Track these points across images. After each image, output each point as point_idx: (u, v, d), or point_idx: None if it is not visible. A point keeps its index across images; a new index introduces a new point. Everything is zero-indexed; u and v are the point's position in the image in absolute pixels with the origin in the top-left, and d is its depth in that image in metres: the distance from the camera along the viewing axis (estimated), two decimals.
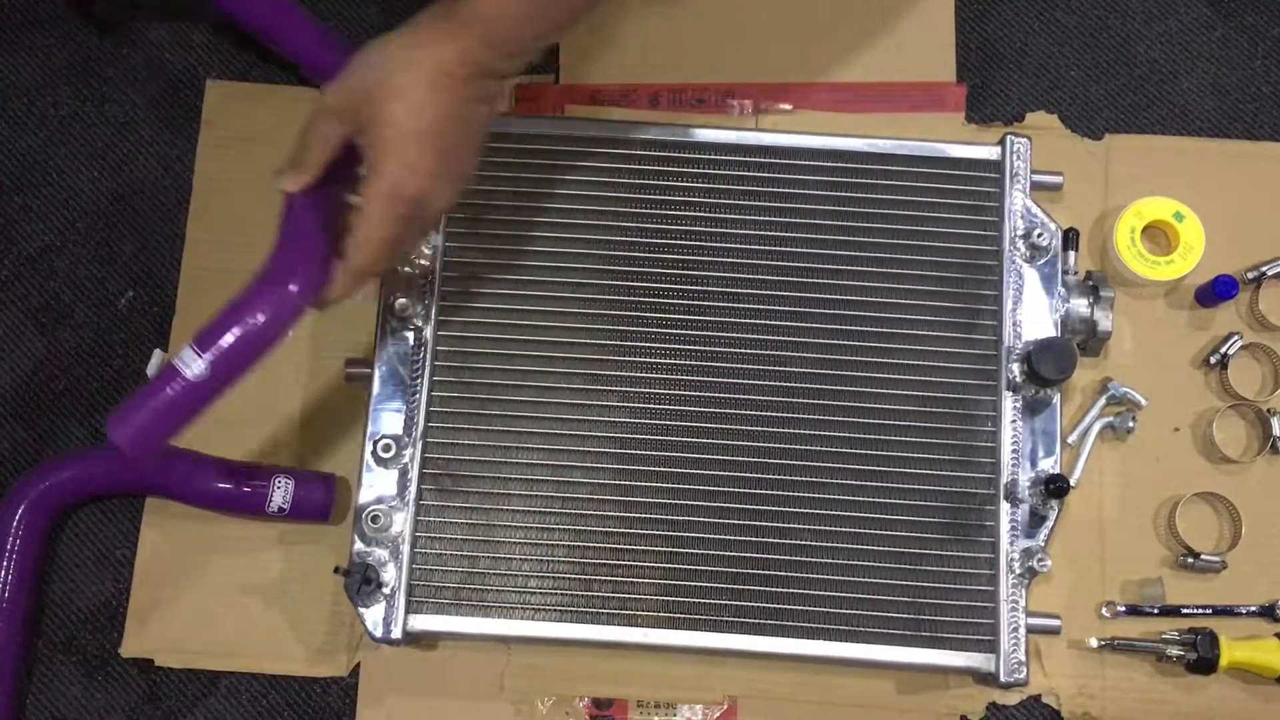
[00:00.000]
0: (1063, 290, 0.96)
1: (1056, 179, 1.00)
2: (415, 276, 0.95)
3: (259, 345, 0.79)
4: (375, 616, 0.90)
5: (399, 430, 0.93)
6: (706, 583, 0.92)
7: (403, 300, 0.94)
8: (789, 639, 0.91)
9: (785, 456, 0.93)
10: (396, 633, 0.90)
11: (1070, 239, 0.98)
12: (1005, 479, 0.93)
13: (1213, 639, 0.94)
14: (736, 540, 0.92)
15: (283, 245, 0.80)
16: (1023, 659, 0.90)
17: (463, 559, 0.92)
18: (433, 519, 0.92)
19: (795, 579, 0.92)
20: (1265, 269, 1.03)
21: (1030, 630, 0.91)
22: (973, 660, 0.91)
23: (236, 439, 1.01)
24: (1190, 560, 0.98)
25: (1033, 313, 0.95)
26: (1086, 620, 0.98)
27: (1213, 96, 1.09)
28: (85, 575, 1.00)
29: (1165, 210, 1.02)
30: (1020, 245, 0.96)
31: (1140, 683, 0.97)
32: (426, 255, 0.95)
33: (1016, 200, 0.97)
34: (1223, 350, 1.01)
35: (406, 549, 0.91)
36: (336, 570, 0.90)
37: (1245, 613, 0.98)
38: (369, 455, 0.92)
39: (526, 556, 0.92)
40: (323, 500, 0.96)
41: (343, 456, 1.00)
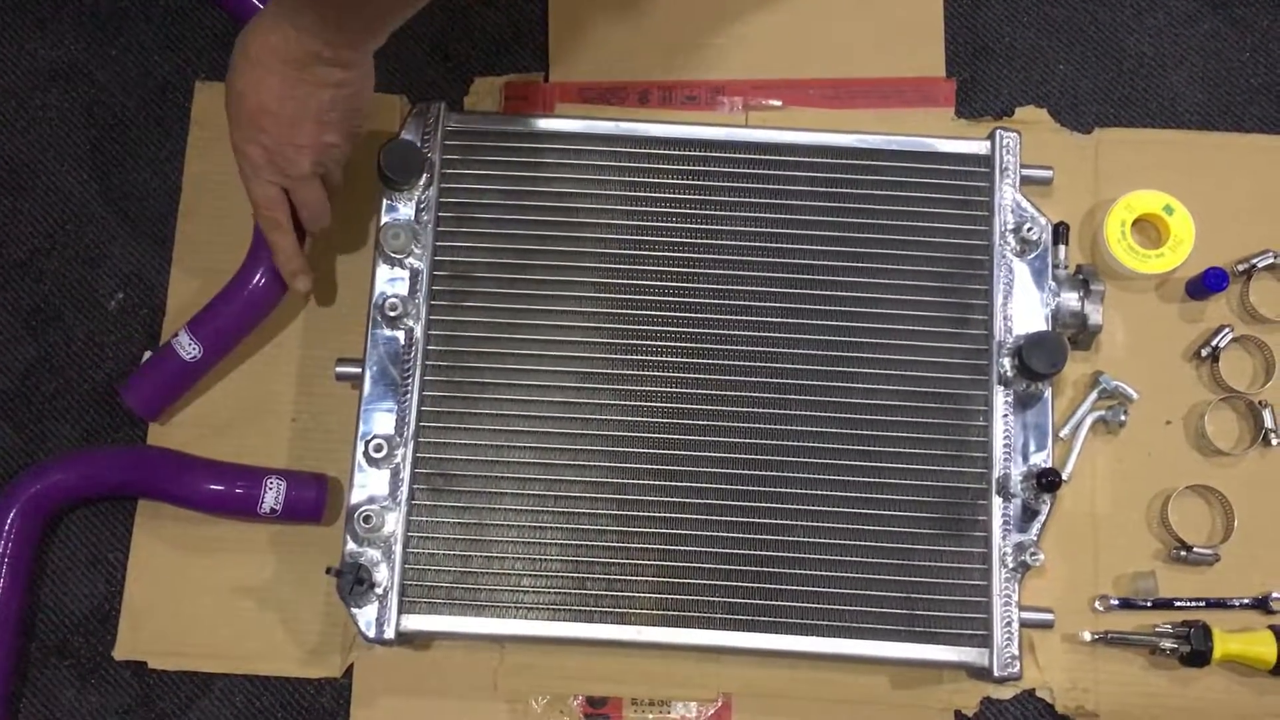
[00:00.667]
0: (1053, 284, 0.96)
1: (1046, 173, 1.00)
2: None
3: (243, 327, 0.98)
4: (368, 617, 0.90)
5: (391, 430, 0.93)
6: (699, 580, 0.92)
7: (393, 299, 0.93)
8: (782, 635, 0.91)
9: (777, 453, 0.93)
10: (389, 633, 0.90)
11: (1060, 233, 0.98)
12: (997, 474, 0.93)
13: (1206, 631, 0.95)
14: (729, 537, 0.92)
15: (257, 241, 0.95)
16: (1016, 653, 0.90)
17: (455, 558, 0.92)
18: (425, 518, 0.92)
19: (788, 575, 0.92)
20: (1255, 261, 1.03)
21: (1023, 624, 0.91)
22: (966, 655, 0.91)
23: (229, 441, 1.01)
24: (1183, 553, 0.98)
25: (1024, 307, 0.96)
26: (1080, 614, 0.98)
27: (1202, 89, 1.09)
28: (78, 578, 1.00)
29: (1155, 204, 1.02)
30: (1010, 240, 0.96)
31: (1134, 676, 0.97)
32: (416, 254, 0.95)
33: (1006, 195, 0.97)
34: (1214, 343, 1.01)
35: (399, 549, 0.91)
36: (329, 571, 0.90)
37: (1238, 605, 0.98)
38: (360, 455, 0.92)
39: (519, 555, 0.92)
40: (315, 501, 0.96)
41: (336, 457, 1.00)
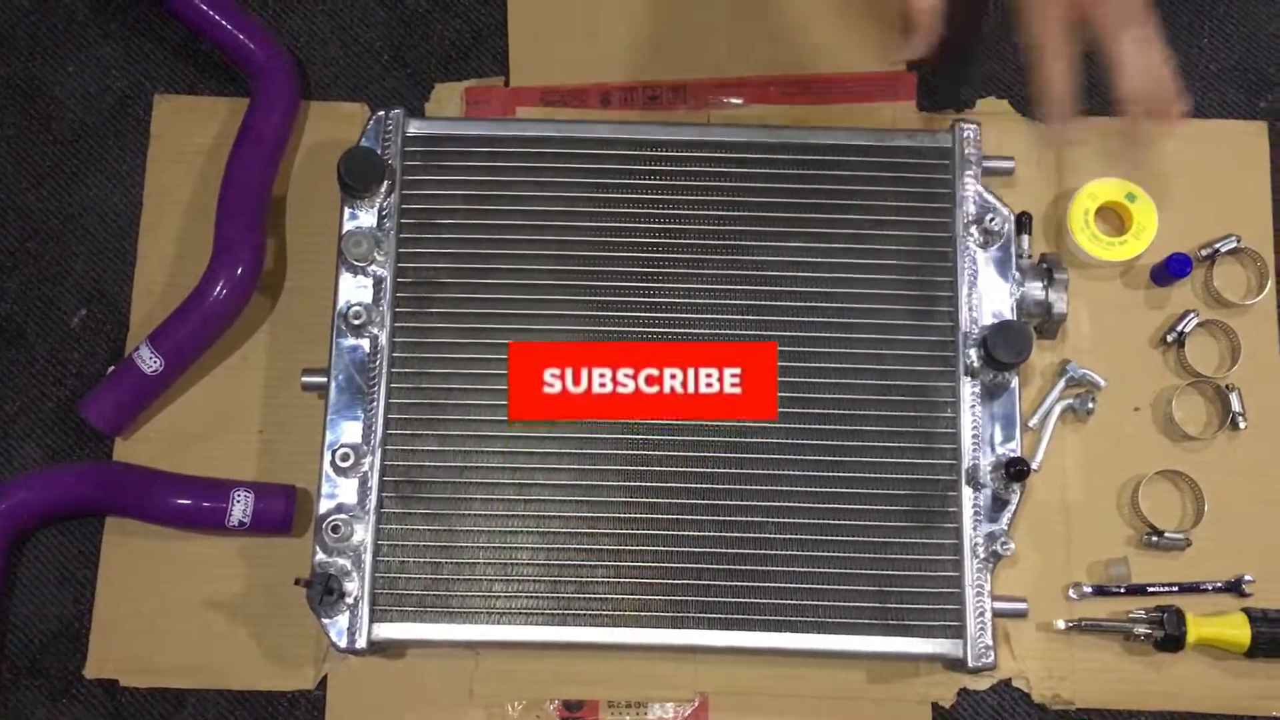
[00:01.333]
0: (1017, 274, 0.96)
1: (1008, 164, 1.00)
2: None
3: (204, 340, 0.97)
4: (339, 627, 0.90)
5: (358, 439, 0.93)
6: (672, 579, 0.92)
7: (357, 307, 0.93)
8: (756, 633, 0.91)
9: (747, 450, 0.93)
10: (361, 642, 0.89)
11: (1023, 223, 0.98)
12: (966, 464, 0.93)
13: (1179, 616, 0.95)
14: (700, 535, 0.92)
15: (218, 252, 0.96)
16: (990, 643, 0.90)
17: (426, 565, 0.91)
18: (394, 526, 0.92)
19: (760, 572, 0.92)
20: (1218, 246, 1.03)
21: (997, 614, 0.91)
22: (940, 646, 0.91)
23: (196, 453, 1.00)
24: (1155, 539, 0.98)
25: (988, 298, 0.96)
26: (1054, 602, 0.98)
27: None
28: (47, 597, 0.99)
29: (1118, 191, 1.03)
30: (973, 231, 0.96)
31: (1109, 663, 0.97)
32: (379, 261, 0.95)
33: (968, 186, 0.97)
34: (1179, 328, 1.02)
35: (369, 557, 0.90)
36: (298, 581, 0.90)
37: (1211, 589, 0.98)
38: (328, 465, 0.92)
39: (490, 560, 0.92)
40: (283, 512, 0.96)
41: (304, 468, 0.99)
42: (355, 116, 1.07)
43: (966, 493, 0.92)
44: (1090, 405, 1.00)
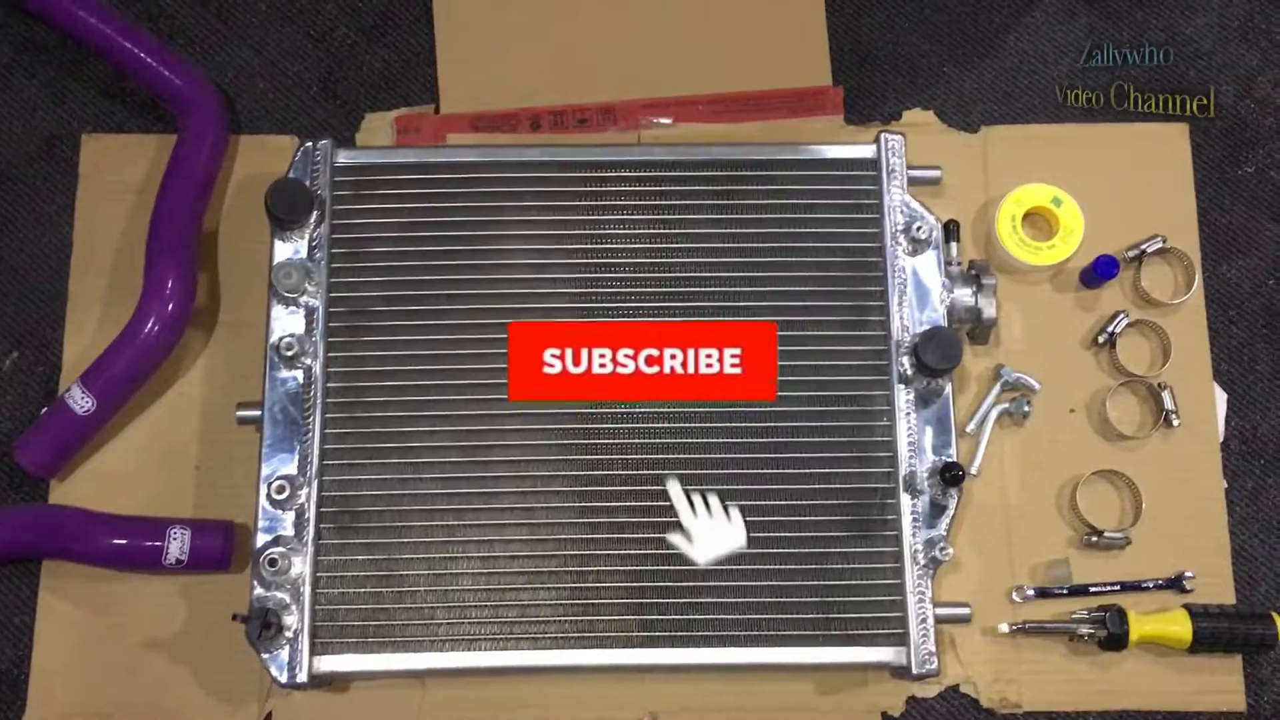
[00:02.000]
0: (946, 281, 0.97)
1: (934, 173, 1.01)
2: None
3: (137, 378, 0.96)
4: (280, 661, 0.89)
5: (294, 470, 0.92)
6: (614, 599, 0.91)
7: (289, 339, 0.93)
8: (700, 649, 0.91)
9: (685, 466, 0.93)
10: (302, 676, 0.88)
11: (951, 230, 0.99)
12: (904, 471, 0.93)
13: (1121, 615, 0.95)
14: (641, 554, 0.92)
15: (148, 290, 0.95)
16: (933, 650, 0.90)
17: (367, 595, 0.91)
18: (333, 557, 0.91)
19: (703, 588, 0.92)
20: (1145, 246, 1.04)
21: (940, 620, 0.92)
22: (884, 655, 0.91)
23: (133, 492, 0.99)
24: (1094, 539, 0.99)
25: (919, 306, 0.96)
26: (998, 606, 0.98)
27: (1083, 81, 1.11)
28: None
29: (1044, 196, 1.04)
30: (902, 240, 0.97)
31: (1055, 664, 0.98)
32: (311, 292, 0.95)
33: (895, 196, 0.98)
34: (1110, 329, 1.03)
35: (308, 590, 0.90)
36: (235, 617, 0.89)
37: (1152, 586, 0.99)
38: (264, 498, 0.91)
39: (431, 587, 0.91)
40: (221, 549, 0.95)
41: (243, 503, 0.98)
42: (285, 149, 1.06)
43: (905, 500, 0.93)
44: (1026, 408, 1.00)
